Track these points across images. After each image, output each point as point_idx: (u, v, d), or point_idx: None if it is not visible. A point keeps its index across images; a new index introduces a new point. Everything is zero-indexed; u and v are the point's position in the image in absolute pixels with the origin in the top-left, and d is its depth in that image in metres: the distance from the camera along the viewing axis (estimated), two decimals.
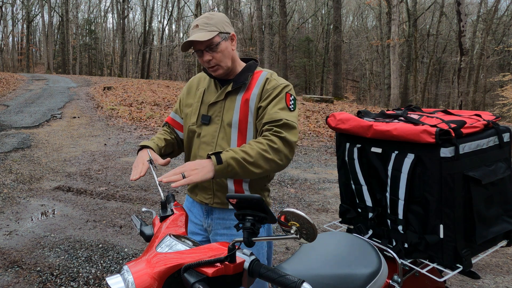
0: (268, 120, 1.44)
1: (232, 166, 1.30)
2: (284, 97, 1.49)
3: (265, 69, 1.61)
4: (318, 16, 37.47)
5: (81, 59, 43.29)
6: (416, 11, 25.80)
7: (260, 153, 1.34)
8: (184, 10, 34.94)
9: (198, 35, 1.45)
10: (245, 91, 1.53)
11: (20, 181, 5.22)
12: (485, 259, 3.23)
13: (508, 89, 18.61)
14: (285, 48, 23.72)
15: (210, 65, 1.51)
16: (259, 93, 1.50)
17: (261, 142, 1.37)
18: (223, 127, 1.53)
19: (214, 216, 1.58)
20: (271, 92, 1.49)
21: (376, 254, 1.44)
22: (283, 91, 1.50)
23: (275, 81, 1.52)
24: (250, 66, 1.59)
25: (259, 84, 1.52)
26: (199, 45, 1.48)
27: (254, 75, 1.57)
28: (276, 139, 1.38)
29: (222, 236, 1.56)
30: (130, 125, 9.76)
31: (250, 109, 1.50)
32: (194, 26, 1.49)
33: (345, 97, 25.61)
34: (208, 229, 1.62)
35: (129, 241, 3.51)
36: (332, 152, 7.52)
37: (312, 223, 0.89)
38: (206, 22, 1.48)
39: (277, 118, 1.42)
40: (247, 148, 1.35)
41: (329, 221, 3.41)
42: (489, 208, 1.51)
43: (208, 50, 1.48)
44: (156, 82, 21.78)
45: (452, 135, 1.38)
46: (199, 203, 1.62)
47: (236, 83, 1.53)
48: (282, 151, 1.38)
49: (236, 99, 1.52)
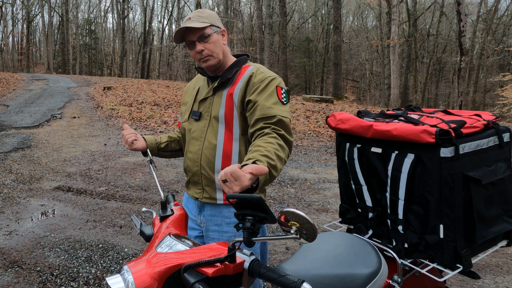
0: (261, 115, 1.42)
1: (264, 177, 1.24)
2: (275, 91, 1.48)
3: (253, 64, 1.61)
4: (318, 16, 37.47)
5: (81, 59, 43.28)
6: (416, 11, 25.80)
7: (276, 154, 1.29)
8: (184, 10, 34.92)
9: (192, 24, 1.49)
10: (230, 86, 1.55)
11: (20, 181, 5.22)
12: (485, 259, 3.23)
13: (508, 89, 18.61)
14: (285, 48, 23.71)
15: (202, 56, 1.52)
16: (243, 87, 1.51)
17: (271, 142, 1.32)
18: (211, 122, 1.56)
19: (206, 213, 1.61)
20: (258, 85, 1.49)
21: (376, 254, 1.44)
22: (272, 84, 1.49)
23: (263, 74, 1.52)
24: (239, 61, 1.61)
25: (244, 78, 1.53)
26: (192, 36, 1.50)
27: (242, 69, 1.58)
28: (279, 137, 1.38)
29: (214, 232, 1.59)
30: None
31: (234, 103, 1.52)
32: (186, 19, 1.53)
33: (345, 97, 25.62)
34: (201, 225, 1.64)
35: (129, 241, 3.51)
36: (332, 152, 7.52)
37: (312, 223, 0.89)
38: (198, 15, 1.52)
39: (271, 114, 1.41)
40: (263, 151, 1.26)
41: (329, 221, 3.41)
42: (489, 208, 1.51)
43: (200, 41, 1.50)
44: (156, 82, 21.78)
45: (452, 135, 1.38)
46: (193, 199, 1.65)
47: (222, 78, 1.55)
48: (286, 148, 1.38)
49: (223, 94, 1.55)
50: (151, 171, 1.44)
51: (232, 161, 1.52)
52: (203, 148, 1.55)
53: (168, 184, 5.21)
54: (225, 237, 1.56)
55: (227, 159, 1.52)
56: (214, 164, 1.53)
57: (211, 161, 1.53)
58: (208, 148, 1.54)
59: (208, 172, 1.54)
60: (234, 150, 1.52)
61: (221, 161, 1.52)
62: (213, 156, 1.53)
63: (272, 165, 1.23)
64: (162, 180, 5.35)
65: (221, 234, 1.57)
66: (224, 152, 1.52)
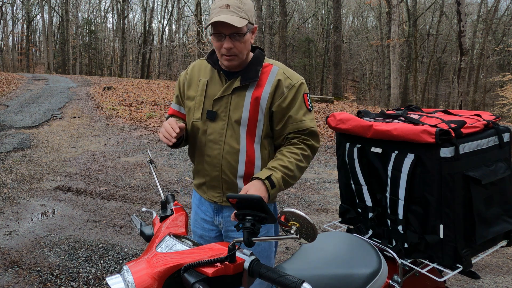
0: (294, 129, 1.46)
1: (281, 186, 1.37)
2: (303, 99, 1.48)
3: (274, 62, 1.52)
4: (318, 16, 37.46)
5: (81, 59, 43.27)
6: (416, 11, 25.80)
7: (297, 164, 1.41)
8: (184, 10, 34.94)
9: (232, 18, 1.31)
10: (255, 88, 1.45)
11: (20, 181, 5.22)
12: (485, 259, 3.22)
13: (508, 89, 18.61)
14: (285, 48, 23.71)
15: (228, 53, 1.38)
16: (271, 92, 1.43)
17: (295, 153, 1.42)
18: (231, 124, 1.46)
19: (225, 214, 1.57)
20: (288, 93, 1.44)
21: (376, 254, 1.44)
22: (299, 91, 1.47)
23: (289, 80, 1.46)
24: (258, 58, 1.49)
25: (270, 81, 1.45)
26: (225, 29, 1.34)
27: (264, 69, 1.47)
28: (306, 147, 1.45)
29: (234, 232, 1.56)
30: (130, 125, 9.76)
31: (261, 108, 1.44)
32: (224, 5, 1.32)
33: (345, 97, 25.61)
34: (219, 226, 1.62)
35: (129, 241, 3.51)
36: (332, 152, 7.51)
37: (312, 223, 0.89)
38: (239, 5, 1.33)
39: (303, 127, 1.45)
40: (285, 161, 1.39)
41: (329, 221, 3.41)
42: (489, 208, 1.51)
43: (231, 37, 1.35)
44: (156, 82, 21.78)
45: (452, 135, 1.38)
46: (208, 201, 1.60)
47: (244, 79, 1.44)
48: (310, 157, 1.47)
49: (246, 96, 1.44)
50: (151, 171, 1.44)
51: (255, 166, 1.49)
52: (224, 152, 1.47)
53: (168, 184, 5.21)
54: None
55: (250, 165, 1.48)
56: (237, 169, 1.48)
57: (233, 166, 1.48)
58: (230, 153, 1.47)
59: (230, 177, 1.49)
60: (257, 155, 1.48)
61: (244, 166, 1.48)
62: (236, 161, 1.47)
63: (290, 175, 1.38)
64: (162, 180, 5.35)
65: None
66: (248, 158, 1.47)
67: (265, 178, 1.33)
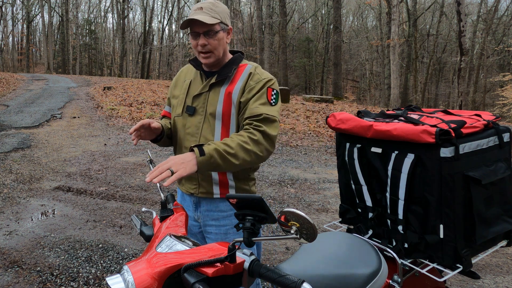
0: (248, 115, 1.48)
1: (215, 158, 1.33)
2: (266, 92, 1.52)
3: (250, 62, 1.63)
4: (318, 16, 37.48)
5: (81, 59, 43.28)
6: (416, 11, 25.80)
7: (240, 144, 1.38)
8: (184, 10, 34.91)
9: (202, 16, 1.46)
10: (228, 84, 1.55)
11: (20, 181, 5.22)
12: (485, 259, 3.22)
13: (508, 89, 18.62)
14: (285, 48, 23.72)
15: (204, 50, 1.51)
16: (242, 86, 1.53)
17: (241, 135, 1.42)
18: (207, 118, 1.56)
19: (202, 209, 1.62)
20: (253, 86, 1.52)
21: (376, 254, 1.44)
22: (265, 86, 1.52)
23: (258, 76, 1.55)
24: (235, 59, 1.61)
25: (243, 77, 1.55)
26: (198, 28, 1.49)
27: (239, 68, 1.59)
28: (256, 132, 1.43)
29: (211, 226, 1.61)
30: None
31: (232, 101, 1.53)
32: (198, 8, 1.50)
33: (345, 97, 25.62)
34: (198, 220, 1.66)
35: (129, 241, 3.51)
36: (332, 152, 7.51)
37: (312, 223, 0.89)
38: (211, 8, 1.49)
39: (257, 113, 1.46)
40: (228, 140, 1.39)
41: (329, 221, 3.41)
42: (489, 208, 1.51)
43: (205, 35, 1.49)
44: (156, 82, 21.78)
45: (452, 135, 1.38)
46: (188, 195, 1.66)
47: (220, 75, 1.55)
48: (262, 144, 1.43)
49: (220, 91, 1.55)
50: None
51: None
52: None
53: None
54: (223, 230, 1.59)
55: None
56: None
57: None
58: None
59: None
60: None
61: None
62: None
63: (229, 152, 1.35)
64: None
65: (219, 228, 1.60)
66: None
67: (195, 146, 1.33)
